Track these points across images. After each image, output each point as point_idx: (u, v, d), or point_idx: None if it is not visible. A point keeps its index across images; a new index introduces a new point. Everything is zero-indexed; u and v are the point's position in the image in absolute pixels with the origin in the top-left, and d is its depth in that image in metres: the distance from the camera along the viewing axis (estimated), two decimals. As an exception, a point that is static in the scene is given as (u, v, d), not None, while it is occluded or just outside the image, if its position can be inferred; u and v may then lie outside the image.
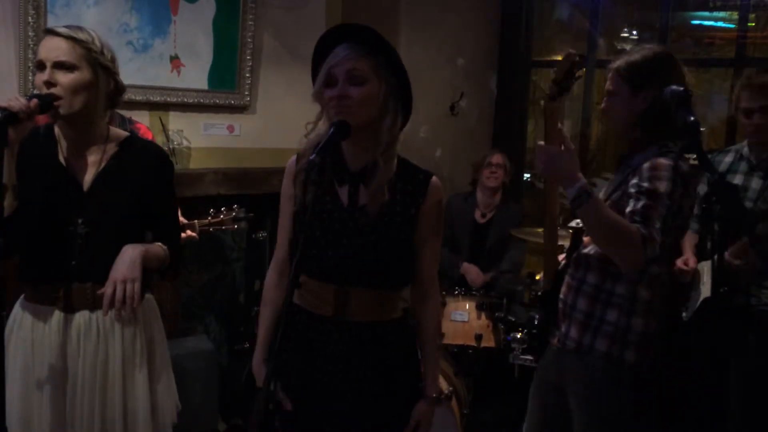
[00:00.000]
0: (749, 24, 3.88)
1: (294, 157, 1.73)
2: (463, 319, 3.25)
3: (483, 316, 3.27)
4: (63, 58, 1.69)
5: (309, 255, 1.64)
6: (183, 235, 2.42)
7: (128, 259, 1.72)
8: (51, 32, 1.72)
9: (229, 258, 3.72)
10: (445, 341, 3.24)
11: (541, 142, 1.81)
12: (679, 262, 2.62)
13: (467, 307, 3.28)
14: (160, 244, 1.86)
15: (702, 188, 2.71)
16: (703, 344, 2.59)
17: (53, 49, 1.70)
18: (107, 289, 1.68)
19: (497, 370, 3.56)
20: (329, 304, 1.65)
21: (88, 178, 1.80)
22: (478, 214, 3.76)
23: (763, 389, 2.49)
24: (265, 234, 3.49)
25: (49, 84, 1.68)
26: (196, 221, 2.50)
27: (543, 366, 2.13)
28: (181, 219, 2.43)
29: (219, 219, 2.55)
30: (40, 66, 1.71)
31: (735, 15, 4.04)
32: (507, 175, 3.74)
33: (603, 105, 1.96)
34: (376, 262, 1.64)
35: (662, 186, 1.71)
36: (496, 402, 3.40)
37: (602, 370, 1.89)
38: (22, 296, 1.87)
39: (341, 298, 1.64)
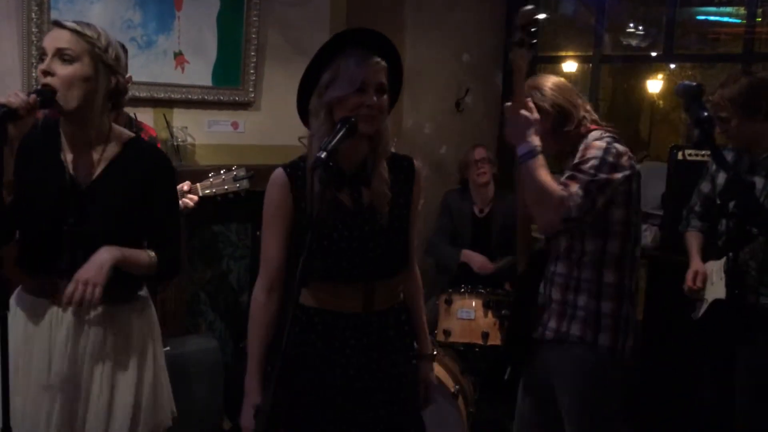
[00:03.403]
0: (757, 19, 3.84)
1: (280, 170, 1.73)
2: (469, 316, 3.23)
3: (489, 314, 3.25)
4: (64, 45, 1.67)
5: (333, 262, 1.67)
6: (185, 200, 2.32)
7: (97, 261, 1.69)
8: (57, 24, 1.71)
9: (234, 255, 3.70)
10: (452, 339, 3.22)
11: (508, 103, 1.85)
12: (689, 280, 2.61)
13: (473, 305, 3.26)
14: (149, 251, 1.81)
15: (706, 186, 2.70)
16: (711, 342, 2.57)
17: (56, 38, 1.68)
18: (69, 287, 1.66)
19: (504, 368, 3.54)
20: (357, 300, 1.70)
21: (88, 176, 1.78)
22: (476, 209, 3.74)
23: None
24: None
25: (46, 73, 1.67)
26: (198, 185, 2.42)
27: (530, 364, 2.16)
28: (185, 183, 2.36)
29: (220, 179, 2.47)
30: (43, 55, 1.70)
31: (742, 10, 4.01)
32: (494, 166, 3.71)
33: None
34: (396, 254, 1.74)
35: (588, 162, 1.87)
36: (503, 400, 3.37)
37: (578, 355, 1.96)
38: (18, 288, 1.85)
39: (369, 292, 1.70)
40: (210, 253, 3.61)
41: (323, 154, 1.45)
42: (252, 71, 3.43)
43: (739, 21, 4.17)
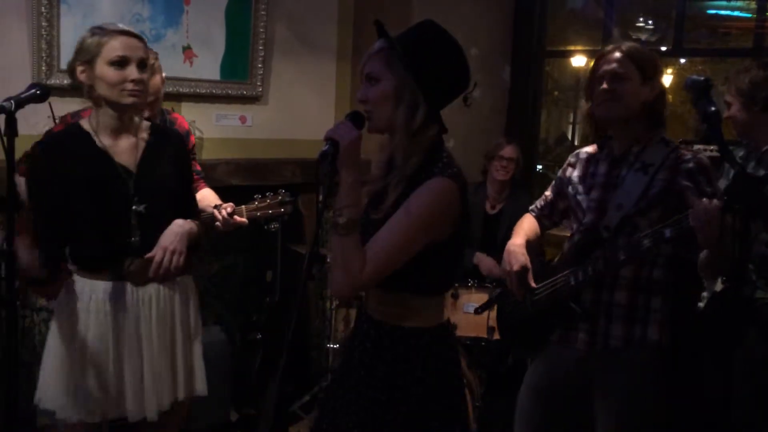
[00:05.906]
0: (767, 13, 3.81)
1: None
2: (476, 310, 3.23)
3: (496, 308, 3.25)
4: (144, 56, 1.92)
5: None
6: (232, 221, 2.43)
7: (178, 231, 1.93)
8: (125, 33, 1.90)
9: (242, 248, 3.72)
10: (458, 333, 3.22)
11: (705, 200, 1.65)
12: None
13: (480, 299, 3.26)
14: (196, 222, 2.05)
15: (722, 182, 2.69)
16: (714, 334, 2.57)
17: (136, 47, 1.90)
18: (157, 255, 1.88)
19: (510, 362, 3.54)
20: (362, 296, 1.73)
21: (134, 160, 1.95)
22: (488, 206, 3.72)
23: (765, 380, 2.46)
24: (277, 225, 3.46)
25: (141, 82, 1.88)
26: (243, 207, 2.49)
27: (549, 369, 2.14)
28: (229, 204, 2.43)
29: (266, 203, 2.54)
30: (123, 62, 1.86)
31: (753, 4, 3.98)
32: (518, 168, 3.68)
33: (608, 87, 1.93)
34: None
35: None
36: (508, 395, 3.38)
37: (654, 360, 1.96)
38: (73, 276, 1.97)
39: (366, 293, 1.68)
40: (218, 245, 3.63)
41: (328, 148, 1.44)
42: (260, 65, 3.44)
43: (749, 15, 4.13)
